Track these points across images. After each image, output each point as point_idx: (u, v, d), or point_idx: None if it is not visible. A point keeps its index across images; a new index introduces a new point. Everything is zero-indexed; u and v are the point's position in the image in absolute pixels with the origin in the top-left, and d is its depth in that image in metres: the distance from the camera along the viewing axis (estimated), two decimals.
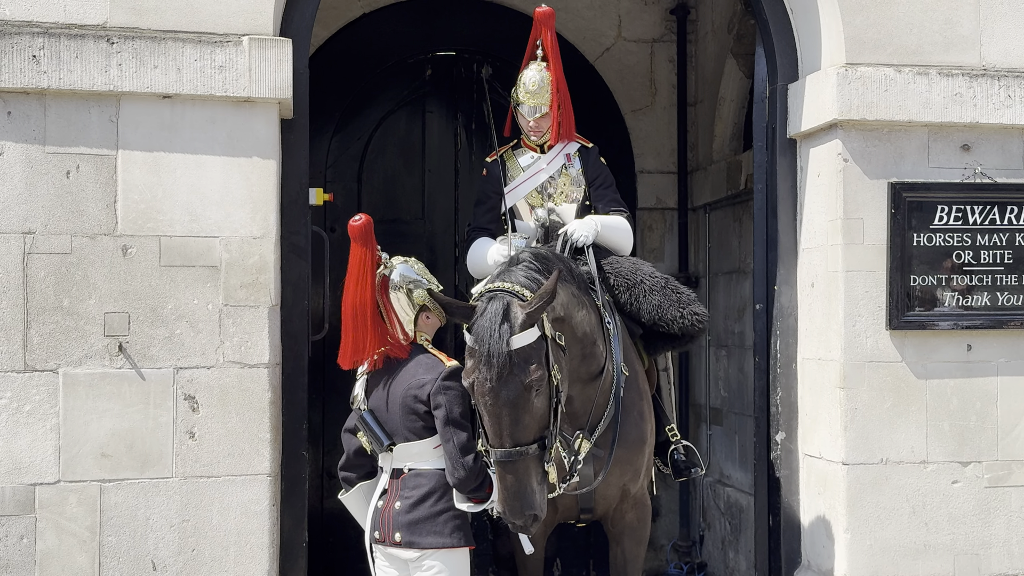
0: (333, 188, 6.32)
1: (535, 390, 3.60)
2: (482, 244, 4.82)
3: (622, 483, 4.29)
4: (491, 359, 3.54)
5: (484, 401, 3.60)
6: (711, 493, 6.88)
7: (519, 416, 3.58)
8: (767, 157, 5.10)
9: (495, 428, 3.60)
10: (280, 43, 4.34)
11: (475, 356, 3.60)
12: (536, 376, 3.59)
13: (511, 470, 3.57)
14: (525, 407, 3.59)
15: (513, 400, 3.56)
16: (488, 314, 3.60)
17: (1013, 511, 4.78)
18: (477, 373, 3.59)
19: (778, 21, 5.05)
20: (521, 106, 4.77)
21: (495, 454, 3.60)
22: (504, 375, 3.54)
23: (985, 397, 4.77)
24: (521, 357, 3.56)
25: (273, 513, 4.36)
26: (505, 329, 3.56)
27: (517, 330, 3.58)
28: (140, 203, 4.26)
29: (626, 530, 4.42)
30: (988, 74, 4.78)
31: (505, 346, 3.54)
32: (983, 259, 4.78)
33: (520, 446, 3.58)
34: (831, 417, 4.74)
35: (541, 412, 3.65)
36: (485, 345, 3.56)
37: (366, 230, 3.92)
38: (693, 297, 4.48)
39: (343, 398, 6.76)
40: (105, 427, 4.21)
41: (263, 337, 4.33)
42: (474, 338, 3.62)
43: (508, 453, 3.56)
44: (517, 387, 3.56)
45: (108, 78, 4.20)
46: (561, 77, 4.72)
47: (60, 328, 4.20)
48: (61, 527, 4.19)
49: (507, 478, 3.58)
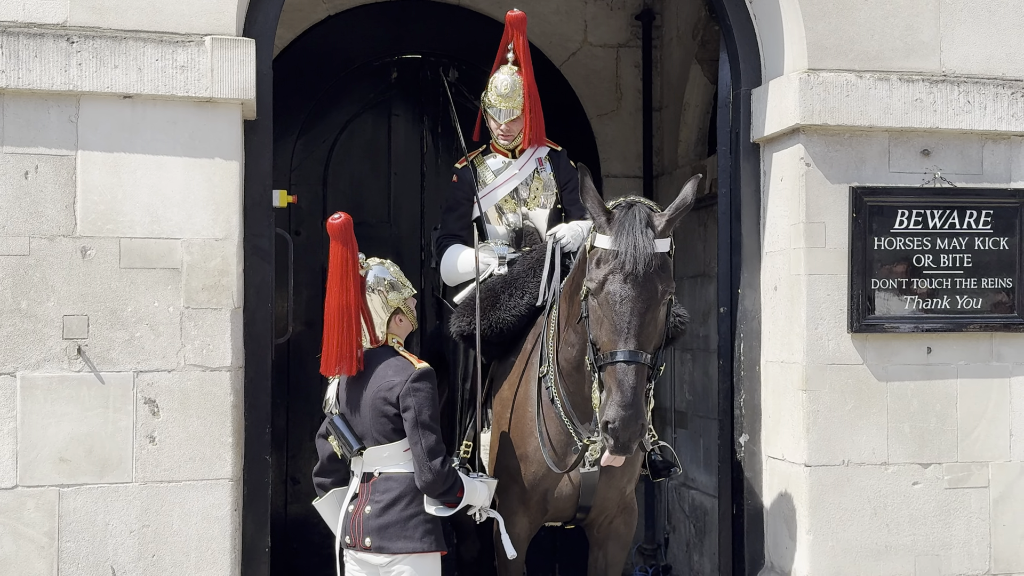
0: (298, 191, 6.29)
1: (664, 299, 3.66)
2: (455, 251, 4.81)
3: (622, 484, 4.28)
4: (636, 258, 3.59)
5: (616, 299, 3.60)
6: (676, 496, 6.91)
7: (647, 320, 3.60)
8: (731, 162, 5.13)
9: (621, 327, 3.57)
10: (243, 43, 4.31)
11: (614, 257, 3.63)
12: (669, 283, 3.67)
13: (633, 372, 3.52)
14: (654, 313, 3.63)
15: (647, 301, 3.59)
16: (632, 216, 3.68)
17: (973, 512, 4.83)
18: (615, 272, 3.61)
19: (742, 27, 5.08)
20: (492, 109, 4.77)
21: (617, 355, 3.55)
22: (647, 274, 3.59)
23: (945, 399, 4.83)
24: (659, 262, 3.64)
25: (235, 518, 4.32)
26: (650, 232, 3.65)
27: (659, 235, 3.68)
28: (100, 204, 4.21)
29: (612, 535, 4.42)
30: (948, 80, 4.84)
31: (651, 247, 3.62)
32: (943, 263, 4.84)
33: (645, 354, 3.57)
34: (793, 419, 4.77)
35: (661, 327, 3.69)
36: (630, 243, 3.60)
37: (345, 228, 3.89)
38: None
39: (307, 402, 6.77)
40: (64, 431, 4.15)
41: (225, 340, 4.29)
42: (615, 238, 3.66)
43: (632, 353, 3.54)
44: (653, 289, 3.61)
45: (68, 77, 4.15)
46: (532, 81, 4.74)
47: (18, 331, 4.14)
48: (18, 532, 4.12)
49: (626, 380, 3.52)
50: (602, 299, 3.65)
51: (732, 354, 5.10)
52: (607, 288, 3.63)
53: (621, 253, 3.62)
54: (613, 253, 3.65)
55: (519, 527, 4.21)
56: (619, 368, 3.54)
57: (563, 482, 4.17)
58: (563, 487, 4.17)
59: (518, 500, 4.22)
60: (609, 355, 3.59)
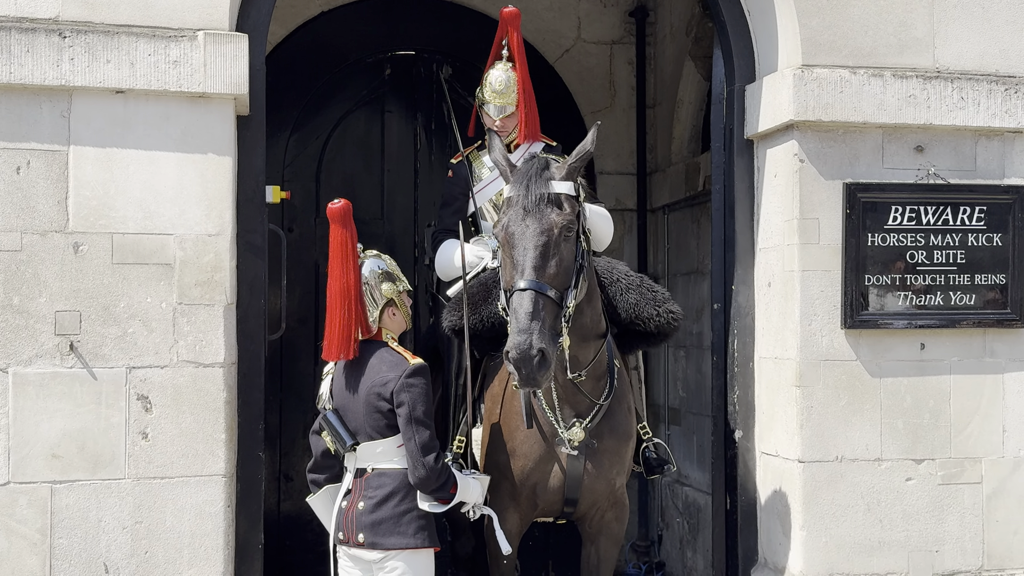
0: (291, 187, 6.27)
1: (564, 234, 3.67)
2: (451, 245, 4.80)
3: (611, 476, 4.26)
4: (528, 194, 3.65)
5: (513, 238, 3.64)
6: (669, 493, 6.91)
7: (545, 253, 3.61)
8: (724, 158, 5.13)
9: (518, 261, 3.60)
10: (236, 38, 4.29)
11: (510, 203, 3.70)
12: (567, 217, 3.68)
13: (528, 299, 3.51)
14: (553, 247, 3.64)
15: (542, 235, 3.62)
16: (529, 165, 3.79)
17: (966, 508, 4.84)
18: (511, 211, 3.68)
19: (735, 23, 5.08)
20: (487, 105, 4.78)
21: (516, 285, 3.55)
22: (539, 207, 3.63)
23: (938, 395, 4.83)
24: (556, 201, 3.68)
25: (228, 515, 4.31)
26: (546, 174, 3.72)
27: (556, 177, 3.74)
28: (92, 200, 4.19)
29: (603, 529, 4.40)
30: (942, 76, 4.84)
31: (544, 186, 3.68)
32: (936, 259, 4.84)
33: (543, 283, 3.56)
34: (787, 415, 4.77)
35: (566, 264, 3.67)
36: (523, 184, 3.68)
37: (345, 212, 3.92)
38: (668, 296, 4.49)
39: (301, 398, 6.76)
40: (56, 427, 4.14)
41: (218, 336, 4.27)
42: (513, 182, 3.74)
43: (529, 283, 3.54)
44: (548, 222, 3.64)
45: (60, 72, 4.13)
46: (527, 77, 4.75)
47: (10, 327, 4.12)
48: (11, 529, 4.11)
49: (520, 307, 3.50)
50: (503, 242, 3.73)
51: (726, 350, 5.10)
52: (506, 231, 3.70)
53: (515, 197, 3.71)
54: (509, 199, 3.75)
55: (510, 523, 4.21)
56: (514, 297, 3.55)
57: (552, 475, 4.17)
58: (552, 480, 4.17)
59: (508, 496, 4.22)
60: (508, 292, 3.62)
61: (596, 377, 4.13)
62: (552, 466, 4.17)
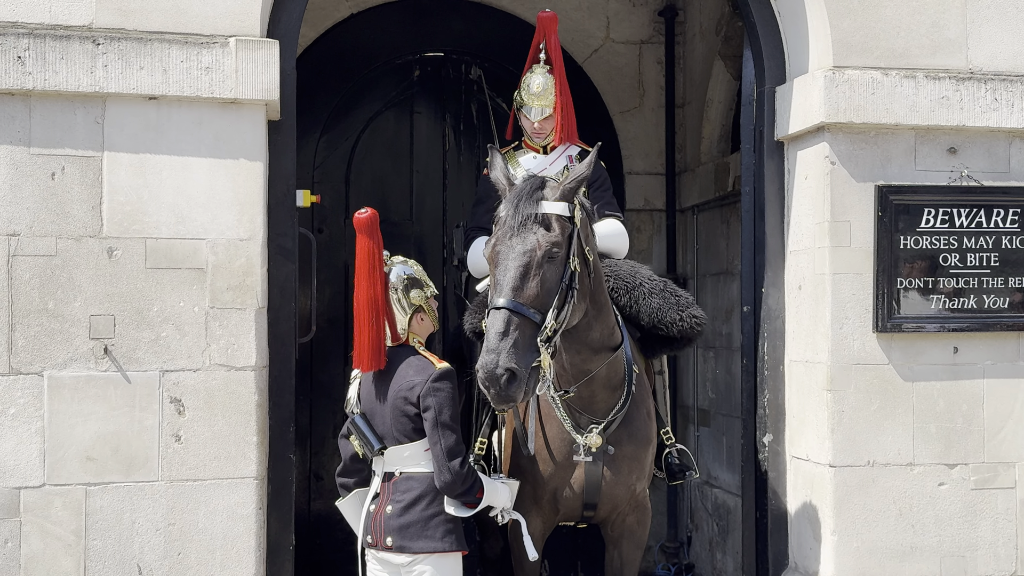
0: (321, 189, 6.31)
1: (549, 255, 3.61)
2: (483, 243, 4.82)
3: (630, 482, 4.26)
4: (516, 213, 3.61)
5: (497, 252, 3.61)
6: (699, 494, 6.89)
7: (526, 273, 3.56)
8: (754, 159, 5.10)
9: (498, 281, 3.56)
10: (267, 44, 4.32)
11: (501, 218, 3.67)
12: (553, 239, 3.62)
13: (500, 318, 3.46)
14: (535, 267, 3.58)
15: (524, 255, 3.57)
16: (523, 185, 3.74)
17: (999, 513, 4.80)
18: (498, 230, 3.64)
19: (766, 24, 5.05)
20: (525, 108, 4.82)
21: (493, 303, 3.52)
22: (525, 227, 3.59)
23: (971, 399, 4.79)
24: (544, 221, 3.63)
25: (260, 516, 4.34)
26: (537, 195, 3.68)
27: (548, 198, 3.69)
28: (126, 205, 4.24)
29: (625, 533, 4.40)
30: (975, 77, 4.79)
31: (534, 206, 3.63)
32: (969, 262, 4.80)
33: (519, 304, 3.50)
34: (818, 419, 4.74)
35: (549, 286, 3.59)
36: (513, 204, 3.64)
37: (372, 222, 3.91)
38: (691, 300, 4.48)
39: (330, 401, 6.80)
40: (90, 430, 4.19)
41: (250, 340, 4.31)
42: (505, 201, 3.71)
43: (505, 302, 3.49)
44: (532, 242, 3.59)
45: (94, 79, 4.17)
46: (564, 80, 4.78)
47: (45, 331, 4.17)
48: (46, 531, 4.16)
49: (492, 326, 3.45)
50: (489, 260, 3.69)
51: (756, 353, 5.08)
52: (492, 249, 3.66)
53: (504, 216, 3.68)
54: (499, 218, 3.71)
55: (533, 526, 4.21)
56: (489, 316, 3.52)
57: (574, 478, 4.17)
58: (572, 485, 4.18)
59: (531, 499, 4.23)
60: (491, 304, 3.58)
61: (612, 387, 4.12)
62: (572, 471, 4.17)
